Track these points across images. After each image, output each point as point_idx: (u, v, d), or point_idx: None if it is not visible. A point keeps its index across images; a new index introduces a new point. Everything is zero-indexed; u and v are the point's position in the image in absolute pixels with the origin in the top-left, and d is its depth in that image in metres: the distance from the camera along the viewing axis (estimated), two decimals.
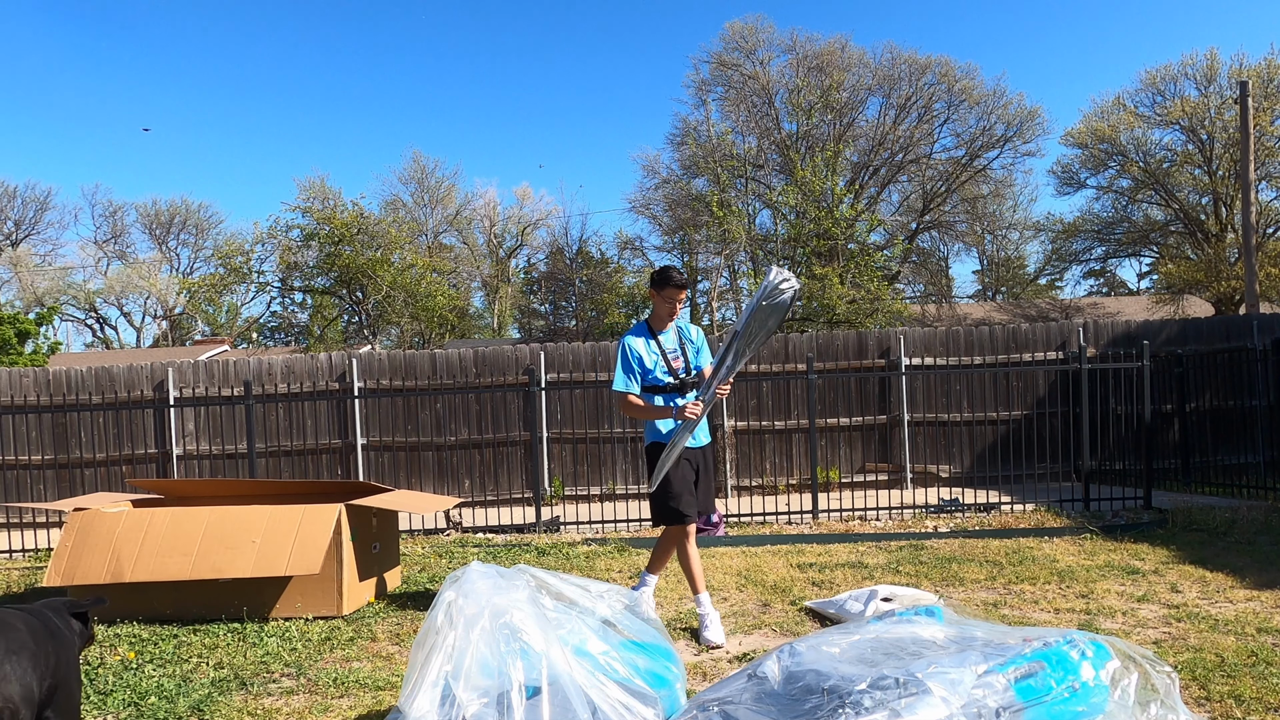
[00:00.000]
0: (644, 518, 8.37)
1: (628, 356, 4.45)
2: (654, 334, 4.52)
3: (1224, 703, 3.22)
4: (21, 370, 10.89)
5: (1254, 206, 18.63)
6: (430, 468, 10.85)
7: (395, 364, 10.92)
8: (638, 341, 4.50)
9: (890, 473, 10.84)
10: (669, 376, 4.46)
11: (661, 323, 4.51)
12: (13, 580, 6.63)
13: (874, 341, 11.05)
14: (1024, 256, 39.50)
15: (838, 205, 22.42)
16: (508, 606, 2.64)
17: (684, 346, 4.54)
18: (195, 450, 10.77)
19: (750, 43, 27.58)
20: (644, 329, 4.54)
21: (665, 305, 4.47)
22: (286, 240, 23.62)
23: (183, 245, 47.21)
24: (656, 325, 4.53)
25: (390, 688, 3.74)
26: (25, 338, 19.36)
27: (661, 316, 4.50)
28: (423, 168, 37.96)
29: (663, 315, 4.50)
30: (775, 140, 26.66)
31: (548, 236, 36.93)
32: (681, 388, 4.45)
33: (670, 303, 4.45)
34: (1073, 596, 4.97)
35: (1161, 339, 10.81)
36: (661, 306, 4.49)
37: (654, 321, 4.54)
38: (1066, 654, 2.40)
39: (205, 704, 3.60)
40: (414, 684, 2.54)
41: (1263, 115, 22.82)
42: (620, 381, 4.46)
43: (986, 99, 26.77)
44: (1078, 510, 7.87)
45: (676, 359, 4.49)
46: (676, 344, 4.52)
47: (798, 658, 2.51)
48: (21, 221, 43.63)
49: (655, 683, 2.76)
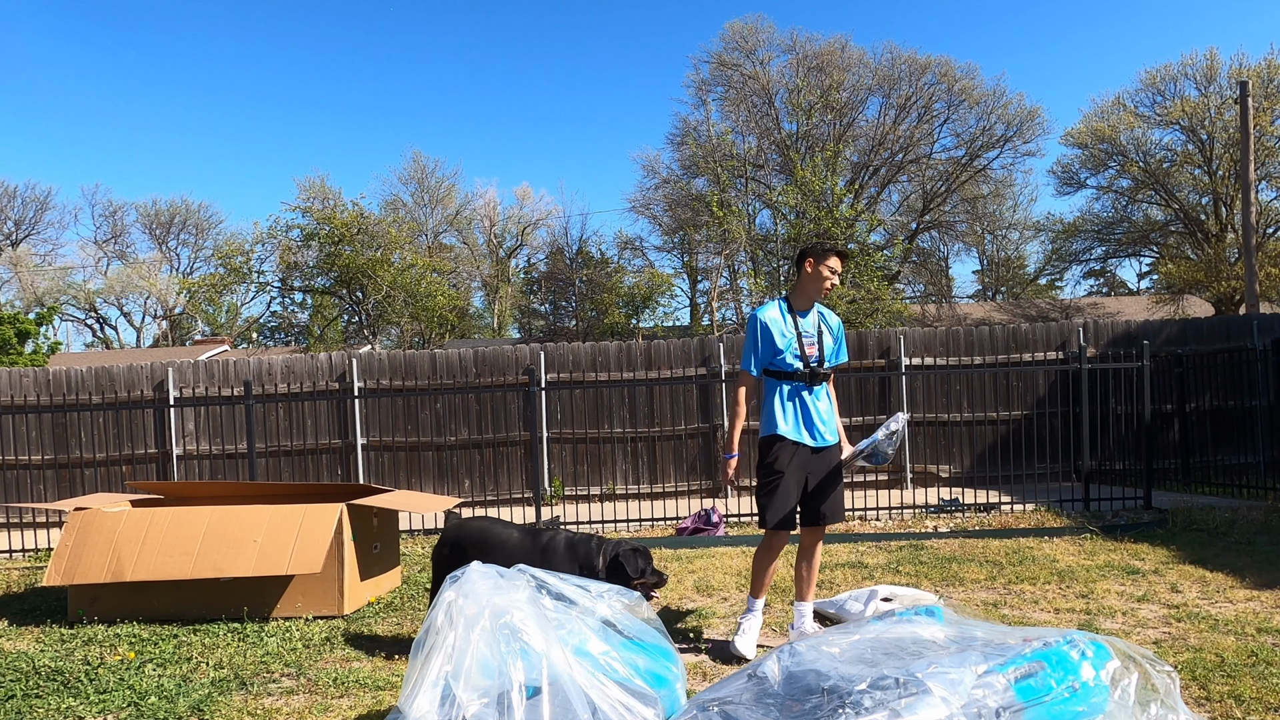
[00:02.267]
0: (644, 518, 8.38)
1: (756, 331, 3.99)
2: (793, 310, 4.04)
3: (1224, 703, 3.22)
4: (21, 370, 10.89)
5: (1254, 206, 18.63)
6: (430, 468, 10.85)
7: (395, 364, 10.92)
8: (773, 314, 4.00)
9: (890, 473, 10.84)
10: (799, 362, 3.98)
11: (806, 301, 4.04)
12: (13, 580, 6.63)
13: (874, 341, 11.05)
14: (1024, 256, 39.55)
15: (838, 205, 22.43)
16: (508, 606, 2.64)
17: (823, 333, 4.07)
18: (195, 450, 10.77)
19: (750, 43, 27.61)
20: (783, 303, 4.05)
21: (818, 281, 3.98)
22: (286, 240, 23.65)
23: (183, 245, 47.29)
24: (799, 303, 4.04)
25: (390, 688, 3.74)
26: (25, 338, 19.37)
27: (808, 293, 4.02)
28: (423, 168, 38.01)
29: (810, 292, 4.02)
30: (775, 140, 26.67)
31: (548, 236, 37.00)
32: (811, 378, 3.99)
33: (827, 277, 3.96)
34: (1073, 596, 4.97)
35: (1161, 339, 10.81)
36: (813, 282, 3.99)
37: (796, 298, 4.05)
38: (1066, 654, 2.40)
39: (205, 704, 3.60)
40: (414, 684, 2.54)
41: (1263, 115, 22.83)
42: (744, 359, 4.07)
43: (986, 99, 26.81)
44: (1078, 510, 7.87)
45: (812, 345, 4.01)
46: (815, 328, 4.05)
47: (798, 658, 2.51)
48: (21, 221, 43.69)
49: (655, 683, 2.76)
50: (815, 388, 4.02)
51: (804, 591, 4.18)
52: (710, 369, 10.84)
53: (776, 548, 4.07)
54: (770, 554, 4.09)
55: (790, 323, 4.00)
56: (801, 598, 4.19)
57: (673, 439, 10.90)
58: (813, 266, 4.00)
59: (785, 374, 3.99)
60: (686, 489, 10.81)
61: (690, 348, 10.98)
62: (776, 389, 4.03)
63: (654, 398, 10.87)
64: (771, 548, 4.07)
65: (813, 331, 4.03)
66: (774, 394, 4.04)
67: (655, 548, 6.96)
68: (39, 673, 4.03)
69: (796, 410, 4.00)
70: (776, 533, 4.02)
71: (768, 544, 4.08)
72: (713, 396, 10.84)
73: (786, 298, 4.10)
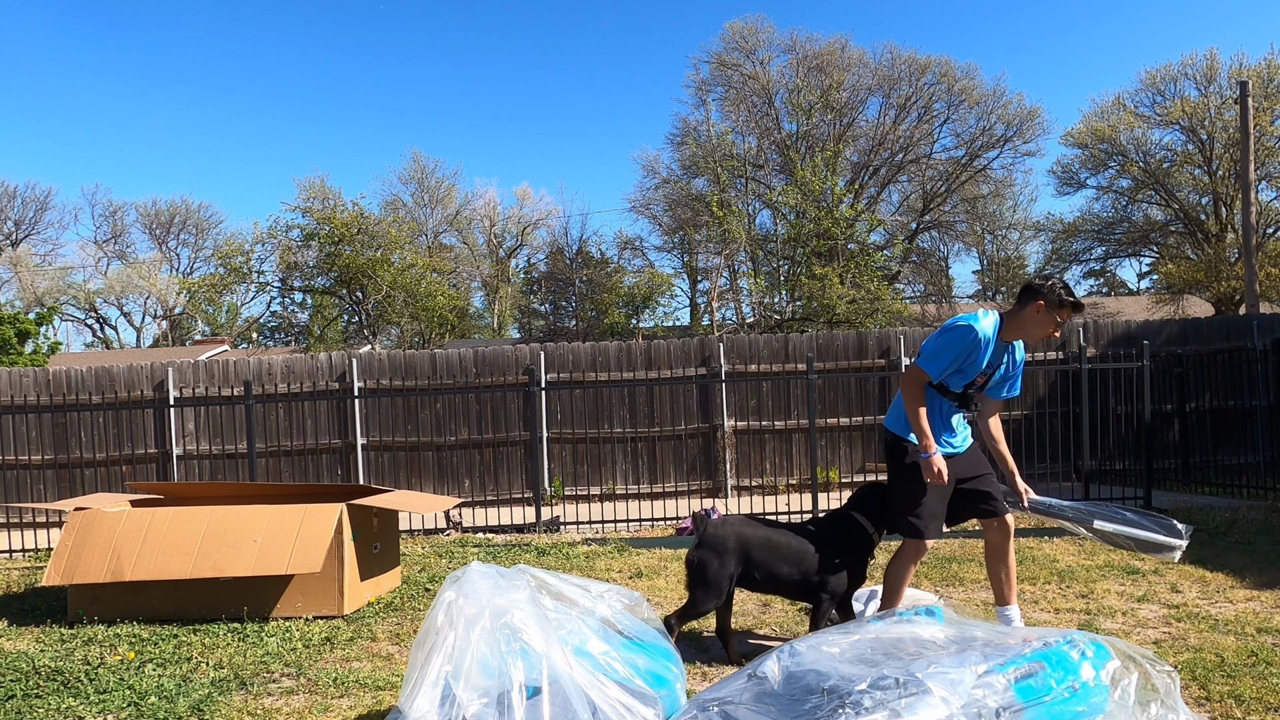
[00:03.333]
0: (644, 518, 8.37)
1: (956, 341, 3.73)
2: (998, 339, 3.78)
3: (1224, 703, 3.22)
4: (21, 370, 10.89)
5: (1254, 206, 18.63)
6: (430, 468, 10.85)
7: (395, 364, 10.92)
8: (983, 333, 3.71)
9: None
10: (959, 433, 3.92)
11: (1017, 335, 3.80)
12: (13, 580, 6.63)
13: (874, 341, 11.05)
14: (1024, 256, 39.53)
15: (838, 205, 22.44)
16: (508, 606, 2.64)
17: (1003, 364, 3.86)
18: (195, 450, 10.76)
19: (750, 43, 27.60)
20: (997, 328, 3.77)
21: (1041, 328, 3.73)
22: (286, 240, 23.64)
23: (183, 245, 47.29)
24: (1008, 333, 3.79)
25: (390, 688, 3.74)
26: (25, 338, 19.37)
27: (1025, 332, 3.76)
28: (423, 168, 38.01)
29: (1028, 332, 3.76)
30: (775, 140, 26.67)
31: (548, 236, 37.00)
32: (965, 401, 3.89)
33: (1055, 326, 3.71)
34: (1073, 596, 4.97)
35: (1161, 339, 10.81)
36: (1034, 325, 3.73)
37: (1009, 327, 3.78)
38: (1066, 654, 2.40)
39: (205, 704, 3.60)
40: (414, 684, 2.54)
41: (1263, 115, 22.82)
42: (925, 357, 3.78)
43: (986, 99, 26.80)
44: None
45: (986, 376, 3.86)
46: (1003, 360, 3.85)
47: (798, 658, 2.51)
48: (21, 221, 43.68)
49: (655, 683, 2.76)
50: (964, 410, 3.94)
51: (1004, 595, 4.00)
52: (710, 369, 10.84)
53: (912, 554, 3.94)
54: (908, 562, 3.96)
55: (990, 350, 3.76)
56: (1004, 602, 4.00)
57: (673, 439, 10.90)
58: (1041, 312, 3.70)
59: (945, 391, 3.87)
60: (686, 489, 10.81)
61: (690, 348, 10.98)
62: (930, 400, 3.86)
63: (654, 398, 10.87)
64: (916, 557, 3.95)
65: (1000, 362, 3.84)
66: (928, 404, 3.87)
67: (655, 548, 6.96)
68: (39, 673, 4.03)
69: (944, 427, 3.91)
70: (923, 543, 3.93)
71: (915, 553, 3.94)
72: (713, 396, 10.85)
73: (1003, 319, 3.79)
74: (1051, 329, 3.71)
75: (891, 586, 3.94)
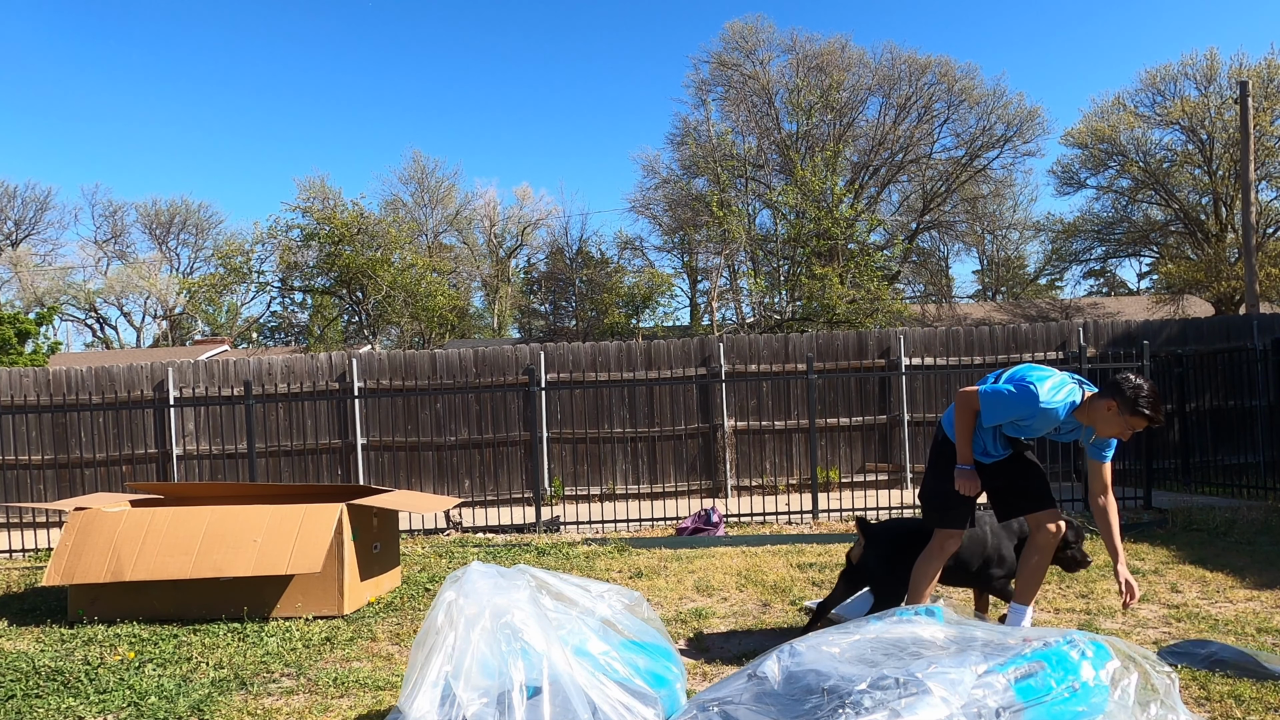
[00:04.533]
0: (644, 517, 8.38)
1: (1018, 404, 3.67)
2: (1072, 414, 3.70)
3: (1224, 703, 3.22)
4: (21, 370, 10.89)
5: (1254, 206, 18.64)
6: (430, 468, 10.85)
7: (395, 364, 10.92)
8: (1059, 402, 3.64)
9: (890, 473, 10.84)
10: (1004, 448, 3.91)
11: (1085, 419, 3.70)
12: (13, 580, 6.63)
13: (874, 341, 11.05)
14: (1024, 256, 39.55)
15: (838, 205, 22.44)
16: (509, 606, 2.64)
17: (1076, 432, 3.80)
18: (195, 450, 10.77)
19: (750, 43, 27.60)
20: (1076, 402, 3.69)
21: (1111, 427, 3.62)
22: (286, 240, 23.64)
23: (183, 245, 47.26)
24: (1083, 415, 3.69)
25: (390, 688, 3.74)
26: (25, 338, 19.36)
27: (1097, 422, 3.66)
28: (423, 168, 37.97)
29: (1099, 427, 3.66)
30: (775, 140, 26.67)
31: (548, 236, 36.98)
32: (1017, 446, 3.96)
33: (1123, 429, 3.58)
34: (1073, 596, 4.97)
35: (1161, 339, 10.81)
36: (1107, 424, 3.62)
37: (1085, 410, 3.68)
38: (1066, 654, 2.40)
39: (205, 704, 3.60)
40: (414, 684, 2.55)
41: (1263, 115, 22.83)
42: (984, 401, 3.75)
43: (986, 99, 26.80)
44: (1078, 510, 7.87)
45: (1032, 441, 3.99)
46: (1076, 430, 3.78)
47: (798, 658, 2.51)
48: (21, 221, 43.67)
49: (655, 683, 2.76)
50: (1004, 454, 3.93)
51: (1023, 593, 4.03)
52: (710, 369, 10.84)
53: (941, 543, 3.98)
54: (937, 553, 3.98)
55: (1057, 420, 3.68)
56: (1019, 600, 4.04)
57: (673, 439, 10.90)
58: (1114, 411, 3.57)
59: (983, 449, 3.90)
60: (686, 489, 10.81)
61: (690, 348, 10.98)
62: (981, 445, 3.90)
63: (654, 398, 10.87)
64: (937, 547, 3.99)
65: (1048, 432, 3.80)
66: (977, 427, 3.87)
67: (656, 548, 6.96)
68: (39, 673, 4.03)
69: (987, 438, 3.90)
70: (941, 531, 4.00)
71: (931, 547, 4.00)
72: (713, 396, 10.85)
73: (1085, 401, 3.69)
74: (1119, 431, 3.60)
75: (915, 582, 3.95)
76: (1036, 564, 3.97)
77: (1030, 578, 3.99)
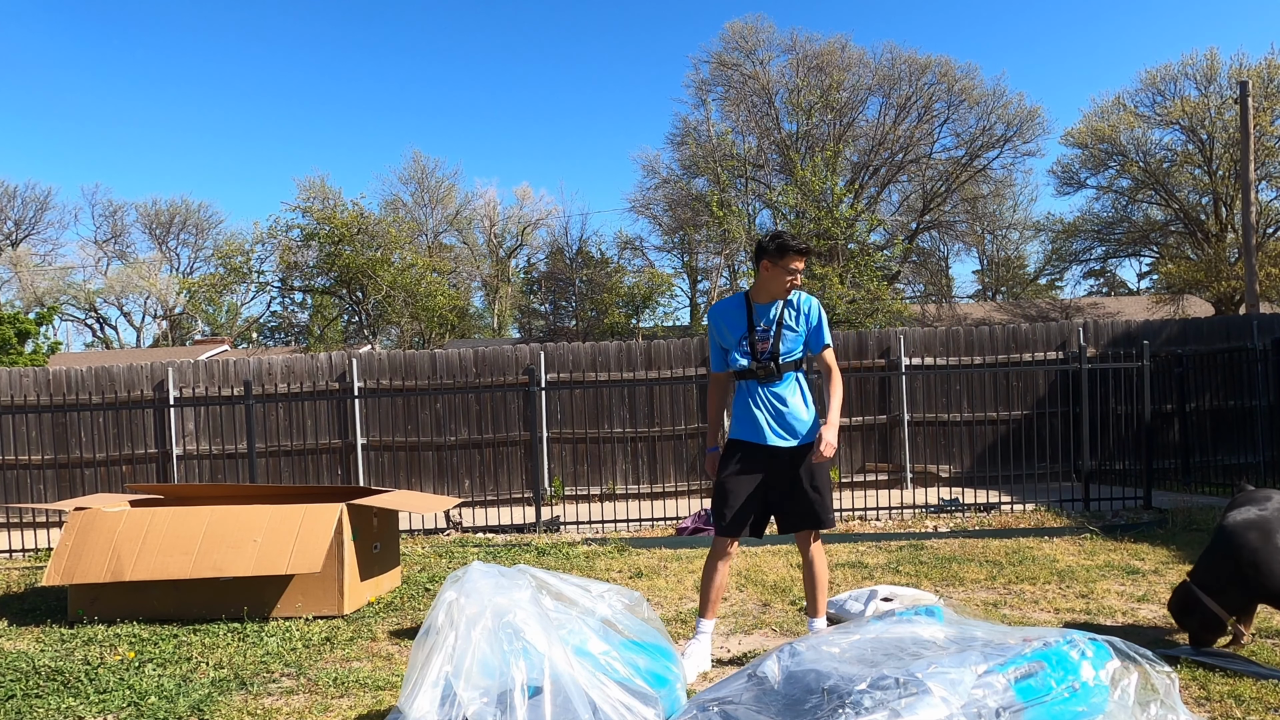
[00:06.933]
0: (644, 518, 8.38)
1: (711, 329, 3.94)
2: (749, 304, 3.82)
3: (1224, 703, 3.22)
4: (21, 370, 10.89)
5: (1254, 206, 18.63)
6: (430, 468, 10.85)
7: (395, 364, 10.92)
8: (724, 311, 3.85)
9: (890, 473, 10.84)
10: (747, 359, 3.78)
11: (767, 296, 3.79)
12: (13, 580, 6.63)
13: (874, 341, 11.05)
14: (1024, 256, 39.57)
15: (838, 205, 22.44)
16: (510, 606, 2.64)
17: (780, 328, 3.77)
18: (195, 450, 10.77)
19: (750, 43, 27.61)
20: (740, 298, 3.87)
21: (778, 281, 3.73)
22: (286, 240, 23.67)
23: (183, 245, 47.31)
24: (756, 296, 3.82)
25: (390, 688, 3.74)
26: (25, 338, 19.37)
27: (768, 290, 3.77)
28: (423, 168, 38.00)
29: (772, 290, 3.76)
30: (775, 140, 26.68)
31: (548, 236, 37.02)
32: (762, 375, 3.76)
33: (788, 275, 3.69)
34: (1073, 596, 4.97)
35: (1161, 339, 10.81)
36: (773, 281, 3.74)
37: (754, 291, 3.83)
38: (1066, 654, 2.41)
39: (205, 704, 3.60)
40: (414, 684, 2.55)
41: (1263, 115, 22.83)
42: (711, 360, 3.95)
43: (986, 99, 26.82)
44: (1078, 510, 7.87)
45: (765, 340, 3.76)
46: (773, 323, 3.77)
47: (798, 658, 2.51)
48: (21, 221, 43.69)
49: (655, 683, 2.76)
50: (773, 384, 3.76)
51: (812, 608, 3.93)
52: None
53: (716, 554, 3.84)
54: (711, 560, 3.86)
55: (743, 317, 3.79)
56: (811, 614, 3.94)
57: (673, 439, 10.90)
58: (769, 269, 3.73)
59: (739, 373, 3.82)
60: (686, 489, 10.81)
61: (690, 348, 10.98)
62: (736, 387, 3.87)
63: (654, 398, 10.87)
64: (713, 555, 3.86)
65: (770, 326, 3.77)
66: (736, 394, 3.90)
67: (655, 548, 6.96)
68: (39, 673, 4.03)
69: (748, 409, 3.80)
70: (717, 539, 3.85)
71: (710, 550, 3.90)
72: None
73: (746, 291, 3.87)
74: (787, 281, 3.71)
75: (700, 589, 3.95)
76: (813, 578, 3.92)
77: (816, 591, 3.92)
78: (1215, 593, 3.61)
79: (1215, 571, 3.65)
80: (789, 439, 3.77)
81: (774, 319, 3.78)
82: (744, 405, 3.83)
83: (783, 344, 3.77)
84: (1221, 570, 3.63)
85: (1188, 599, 3.67)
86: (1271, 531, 3.59)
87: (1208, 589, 3.63)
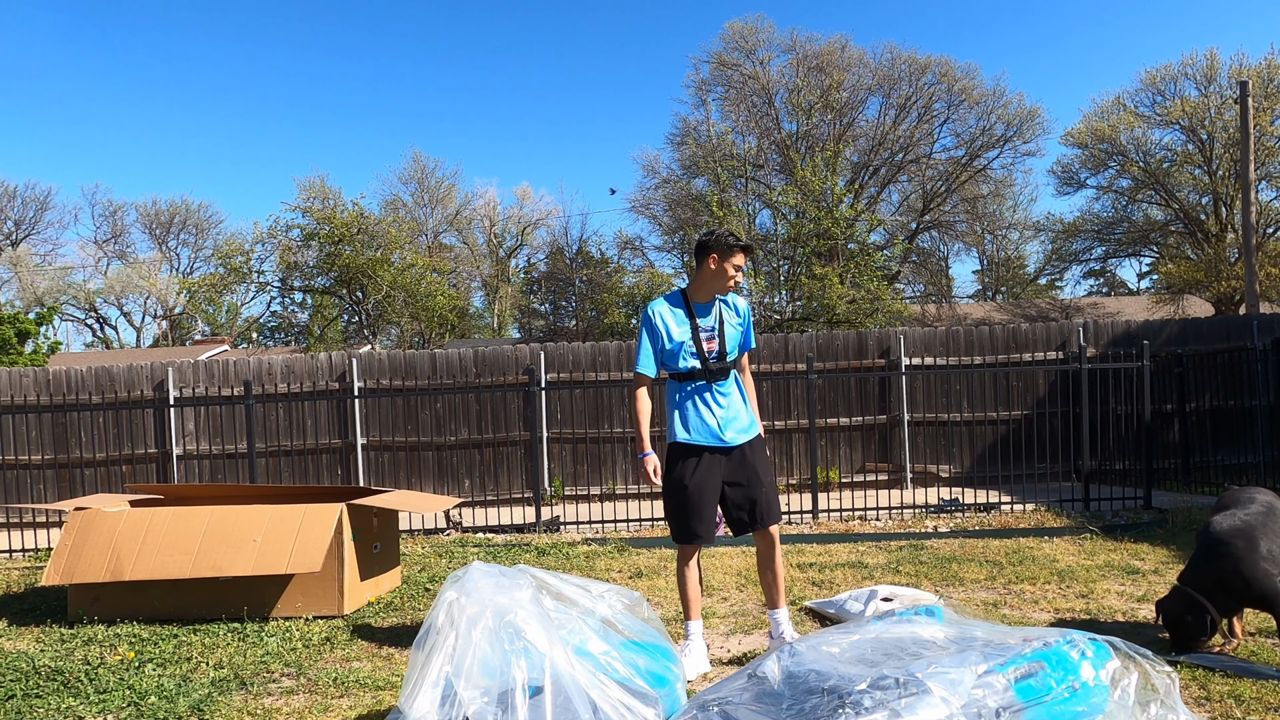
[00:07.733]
0: (644, 518, 8.38)
1: (648, 329, 3.73)
2: (688, 304, 3.75)
3: (1224, 703, 3.22)
4: (21, 370, 10.89)
5: (1254, 206, 18.63)
6: (430, 468, 10.85)
7: (395, 364, 10.92)
8: (664, 310, 3.73)
9: (890, 473, 10.84)
10: (696, 360, 3.70)
11: (706, 295, 3.74)
12: (13, 580, 6.63)
13: (874, 341, 11.05)
14: (1024, 256, 39.57)
15: (838, 205, 22.43)
16: (511, 606, 2.64)
17: (723, 326, 3.75)
18: (195, 450, 10.76)
19: (750, 43, 27.59)
20: (677, 297, 3.77)
21: (721, 278, 3.68)
22: (286, 240, 23.66)
23: (183, 245, 47.30)
24: (697, 295, 3.75)
25: (390, 687, 3.74)
26: (25, 338, 19.36)
27: (710, 289, 3.72)
28: (423, 168, 38.01)
29: (713, 288, 3.72)
30: (775, 140, 26.66)
31: (548, 236, 37.02)
32: (713, 375, 3.72)
33: (731, 275, 3.65)
34: (1073, 596, 4.97)
35: (1161, 339, 10.81)
36: (716, 279, 3.69)
37: (693, 290, 3.76)
38: (1066, 654, 2.40)
39: (205, 704, 3.60)
40: (414, 683, 2.54)
41: (1263, 115, 22.83)
42: (637, 359, 3.75)
43: (986, 99, 26.80)
44: (1078, 510, 7.87)
45: (711, 339, 3.72)
46: (716, 322, 3.74)
47: (798, 658, 2.51)
48: (21, 221, 43.70)
49: (655, 683, 2.76)
50: (720, 384, 3.75)
51: (774, 599, 3.91)
52: None
53: (686, 559, 3.82)
54: (684, 568, 3.83)
55: (685, 318, 3.71)
56: (773, 605, 3.92)
57: None
58: (716, 264, 3.67)
59: (683, 374, 3.73)
60: None
61: None
62: (677, 391, 3.77)
63: (654, 398, 10.85)
64: (683, 561, 3.83)
65: (713, 325, 3.73)
66: (673, 397, 3.79)
67: (656, 548, 6.96)
68: (39, 673, 4.03)
69: (698, 411, 3.74)
70: (683, 547, 3.82)
71: (680, 558, 3.86)
72: None
73: (683, 291, 3.78)
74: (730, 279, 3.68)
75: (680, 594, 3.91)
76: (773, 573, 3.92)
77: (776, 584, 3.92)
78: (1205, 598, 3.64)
79: (1202, 579, 3.68)
80: (744, 436, 3.82)
81: (716, 317, 3.76)
82: (692, 408, 3.76)
83: (728, 343, 3.77)
84: (1208, 577, 3.66)
85: (1188, 602, 3.67)
86: (1256, 538, 3.62)
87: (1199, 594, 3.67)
